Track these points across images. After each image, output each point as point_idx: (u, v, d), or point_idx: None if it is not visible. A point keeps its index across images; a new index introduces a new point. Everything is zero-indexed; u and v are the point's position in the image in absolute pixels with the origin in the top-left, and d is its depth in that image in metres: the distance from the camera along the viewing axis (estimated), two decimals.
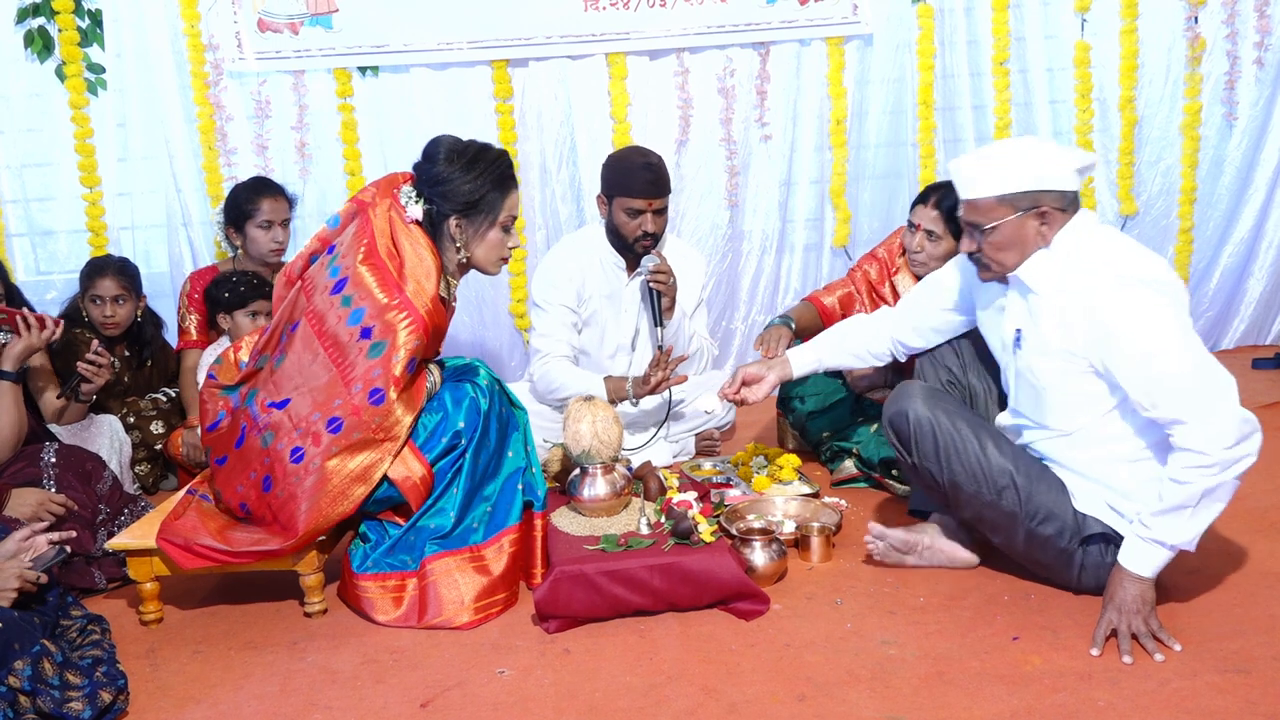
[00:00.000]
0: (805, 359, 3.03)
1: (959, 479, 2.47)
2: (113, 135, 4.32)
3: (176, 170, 4.34)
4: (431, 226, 2.71)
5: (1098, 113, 4.74)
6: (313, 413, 2.57)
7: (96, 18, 4.21)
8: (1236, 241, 4.96)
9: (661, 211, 3.52)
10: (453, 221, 2.71)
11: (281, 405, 2.61)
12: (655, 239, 3.53)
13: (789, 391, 3.75)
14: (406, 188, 2.72)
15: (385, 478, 2.62)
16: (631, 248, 3.54)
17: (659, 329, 3.49)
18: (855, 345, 2.98)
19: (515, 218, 2.79)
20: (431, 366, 2.75)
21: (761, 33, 4.48)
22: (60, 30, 4.16)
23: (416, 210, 2.69)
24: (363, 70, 4.36)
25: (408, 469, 2.63)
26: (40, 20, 4.18)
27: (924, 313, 2.88)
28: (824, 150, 4.67)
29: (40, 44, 4.18)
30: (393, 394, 2.55)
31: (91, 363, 3.29)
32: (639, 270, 3.52)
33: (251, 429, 2.64)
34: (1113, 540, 2.42)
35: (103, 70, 4.26)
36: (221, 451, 2.72)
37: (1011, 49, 4.66)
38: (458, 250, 2.74)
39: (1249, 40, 4.75)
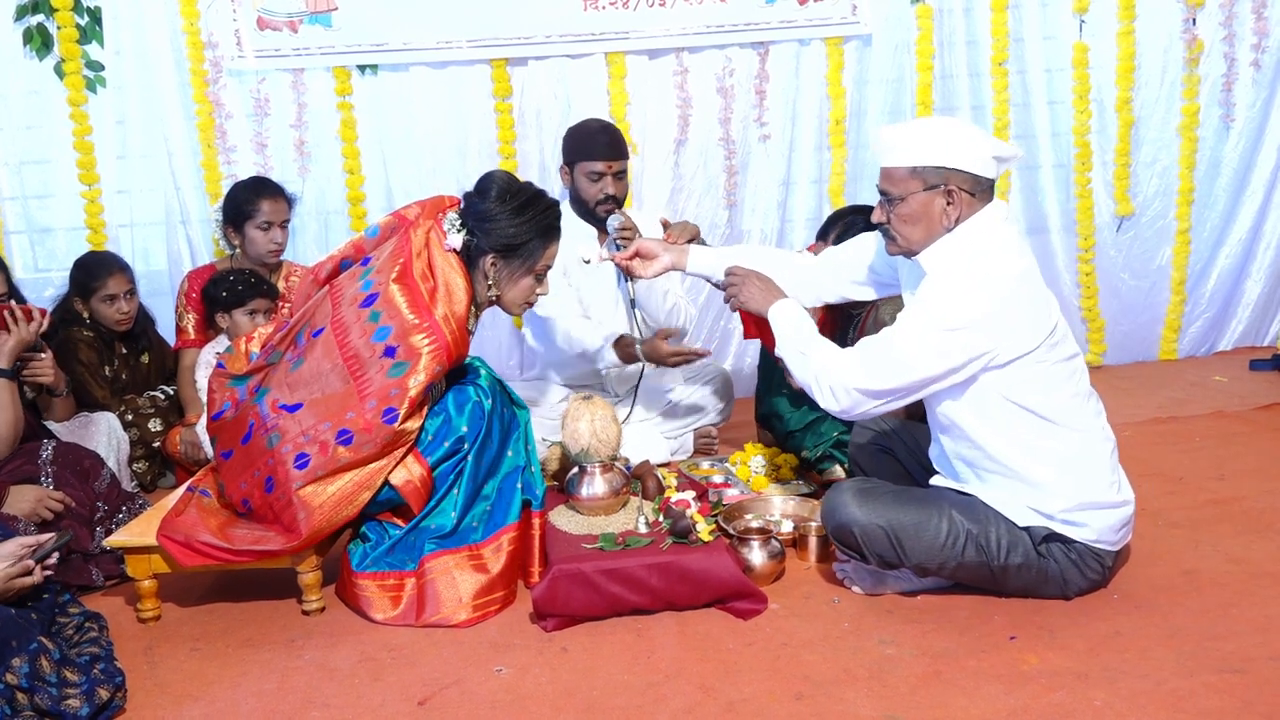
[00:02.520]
0: (705, 259, 2.98)
1: (921, 559, 2.49)
2: (111, 133, 4.30)
3: (175, 168, 4.32)
4: (467, 258, 2.73)
5: (1095, 114, 4.75)
6: (323, 421, 2.57)
7: (95, 15, 4.19)
8: (1233, 243, 4.96)
9: (621, 175, 3.59)
10: (489, 259, 2.73)
11: (293, 409, 2.61)
12: (617, 202, 3.57)
13: (768, 410, 3.68)
14: (451, 214, 2.74)
15: (386, 481, 2.62)
16: (595, 213, 3.58)
17: (629, 283, 3.46)
18: (779, 275, 2.82)
19: (550, 267, 2.82)
20: None
21: (761, 32, 4.47)
22: (59, 27, 4.15)
23: (456, 240, 2.71)
24: (362, 69, 4.35)
25: (408, 472, 2.64)
26: (39, 17, 4.16)
27: (846, 267, 2.88)
28: (823, 150, 4.66)
29: (39, 41, 4.17)
30: (404, 413, 2.56)
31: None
32: (609, 238, 3.53)
33: (259, 427, 2.64)
34: (1061, 537, 2.46)
35: (102, 68, 4.24)
36: (227, 445, 2.72)
37: (1010, 50, 4.65)
38: (489, 288, 2.76)
39: (1246, 42, 4.75)
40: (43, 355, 3.18)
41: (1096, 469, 2.49)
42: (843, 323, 3.46)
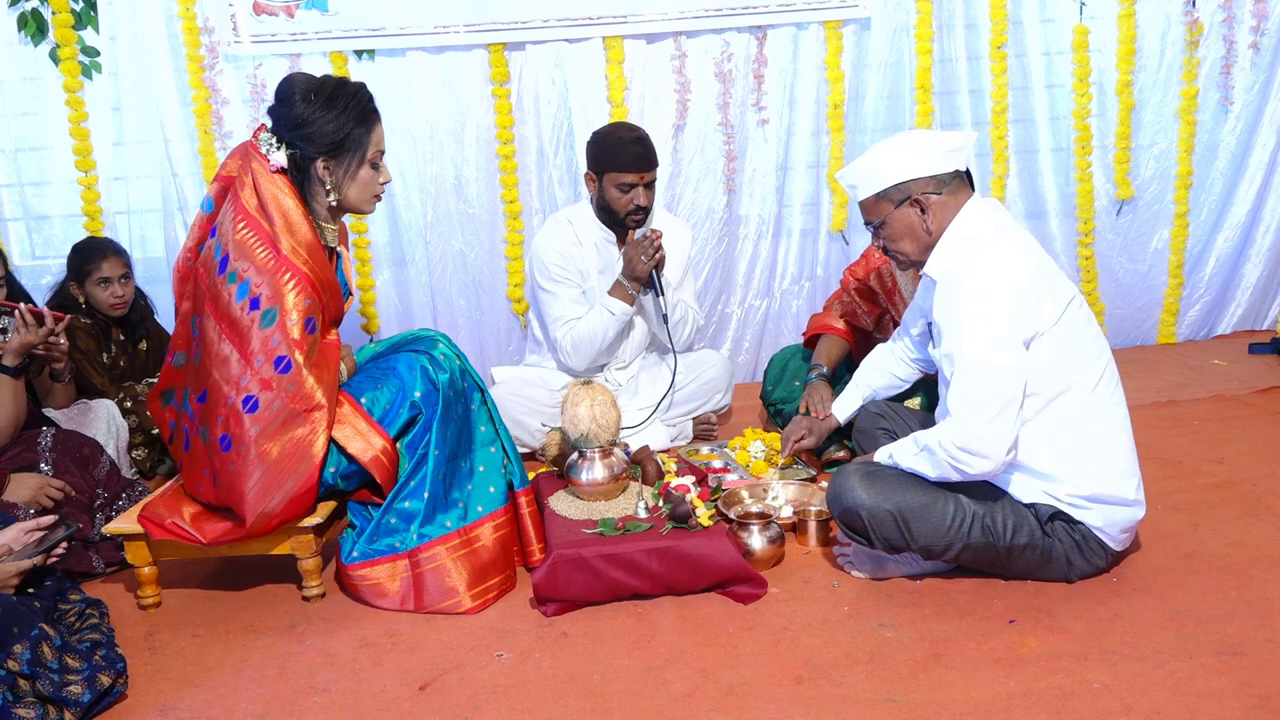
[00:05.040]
0: (848, 406, 3.18)
1: (928, 541, 2.49)
2: (108, 119, 4.29)
3: (172, 154, 4.31)
4: (298, 172, 2.62)
5: (1095, 97, 4.73)
6: (228, 396, 2.53)
7: (90, 1, 4.18)
8: (1232, 226, 4.95)
9: (651, 185, 3.57)
10: (320, 164, 2.61)
11: (203, 398, 2.60)
12: (646, 212, 3.57)
13: (771, 398, 3.78)
14: (264, 135, 2.62)
15: (343, 454, 2.60)
16: (623, 222, 3.59)
17: (662, 298, 3.54)
18: (884, 378, 3.13)
19: (383, 152, 2.71)
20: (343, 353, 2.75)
21: (759, 16, 4.46)
22: (54, 13, 4.13)
23: (280, 157, 2.59)
24: (359, 54, 4.33)
25: (366, 443, 2.61)
26: (33, 3, 4.14)
27: (912, 322, 2.99)
28: (821, 134, 4.65)
29: (34, 27, 4.15)
30: (298, 357, 2.51)
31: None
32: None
33: (192, 429, 2.66)
34: (1066, 516, 2.48)
35: (97, 54, 4.23)
36: (179, 458, 2.75)
37: (1009, 33, 4.64)
38: (327, 193, 2.65)
39: (1245, 25, 4.73)
40: (62, 342, 3.18)
41: (1114, 460, 2.50)
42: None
